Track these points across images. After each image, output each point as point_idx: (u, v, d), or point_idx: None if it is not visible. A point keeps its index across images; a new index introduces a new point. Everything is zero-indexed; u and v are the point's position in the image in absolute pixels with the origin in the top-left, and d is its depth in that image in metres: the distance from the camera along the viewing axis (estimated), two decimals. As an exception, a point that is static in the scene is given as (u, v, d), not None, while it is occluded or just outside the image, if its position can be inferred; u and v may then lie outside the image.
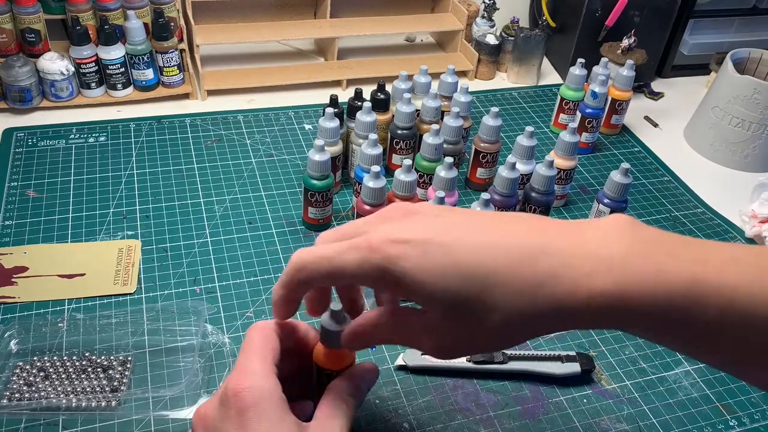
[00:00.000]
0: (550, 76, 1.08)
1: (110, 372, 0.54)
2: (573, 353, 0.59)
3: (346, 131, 0.77)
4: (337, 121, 0.71)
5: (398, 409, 0.55)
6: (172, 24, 0.90)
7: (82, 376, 0.54)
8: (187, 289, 0.64)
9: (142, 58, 0.88)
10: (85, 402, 0.52)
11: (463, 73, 1.04)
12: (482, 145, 0.77)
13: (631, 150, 0.93)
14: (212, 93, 0.95)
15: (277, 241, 0.70)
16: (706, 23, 1.07)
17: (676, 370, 0.61)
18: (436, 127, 0.71)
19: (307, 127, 0.90)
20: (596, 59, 0.90)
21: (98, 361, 0.55)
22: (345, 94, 0.95)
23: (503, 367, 0.58)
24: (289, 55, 1.07)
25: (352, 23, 1.03)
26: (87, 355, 0.56)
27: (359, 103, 0.75)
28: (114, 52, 0.86)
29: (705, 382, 0.60)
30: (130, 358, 0.56)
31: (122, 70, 0.88)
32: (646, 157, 0.91)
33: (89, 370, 0.54)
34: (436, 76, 0.84)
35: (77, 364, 0.55)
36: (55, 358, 0.55)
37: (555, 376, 0.58)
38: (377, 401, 0.55)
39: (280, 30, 1.02)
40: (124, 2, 0.87)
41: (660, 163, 0.90)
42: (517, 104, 1.00)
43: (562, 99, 0.91)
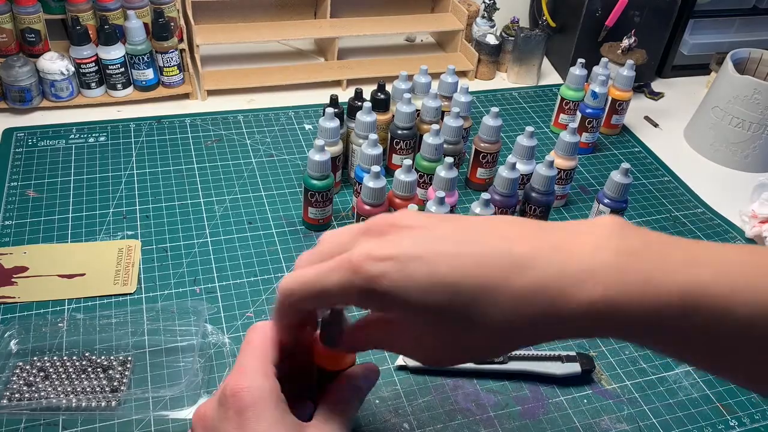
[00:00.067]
0: (550, 76, 1.08)
1: (110, 372, 0.54)
2: (573, 353, 0.59)
3: (346, 131, 0.77)
4: (337, 121, 0.71)
5: (398, 409, 0.55)
6: (172, 24, 0.90)
7: (82, 376, 0.54)
8: (187, 289, 0.64)
9: (142, 58, 0.88)
10: (85, 402, 0.52)
11: (463, 73, 1.04)
12: (482, 145, 0.77)
13: (632, 150, 0.92)
14: (212, 93, 0.95)
15: (277, 241, 0.70)
16: (706, 23, 1.07)
17: (677, 370, 0.61)
18: (436, 127, 0.71)
19: (307, 127, 0.90)
20: (596, 59, 0.90)
21: (98, 361, 0.55)
22: (345, 94, 0.95)
23: (503, 367, 0.58)
24: (289, 55, 1.07)
25: (352, 23, 1.03)
26: (87, 355, 0.56)
27: (359, 103, 0.74)
28: (114, 52, 0.86)
29: (705, 383, 0.60)
30: (130, 358, 0.56)
31: (122, 70, 0.88)
32: (647, 157, 0.91)
33: (89, 370, 0.54)
34: (436, 76, 0.84)
35: (77, 364, 0.55)
36: (55, 358, 0.55)
37: (555, 376, 0.58)
38: (377, 401, 0.55)
39: (280, 30, 1.02)
40: (124, 2, 0.87)
41: (660, 163, 0.90)
42: (517, 104, 1.00)
43: (563, 99, 0.91)
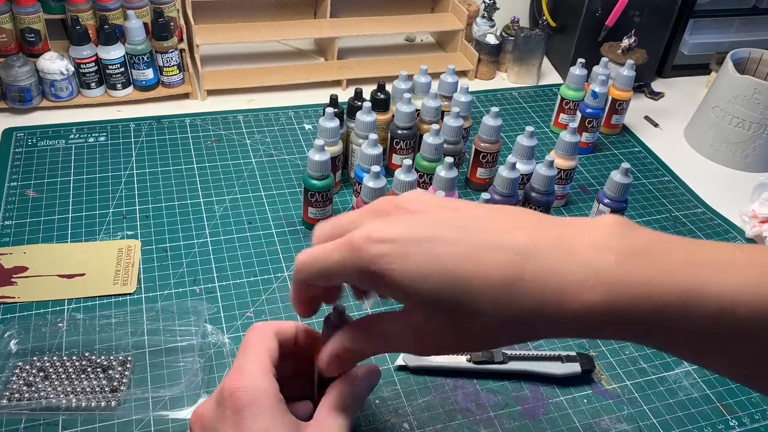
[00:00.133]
0: (551, 76, 1.08)
1: (110, 372, 0.54)
2: (573, 353, 0.59)
3: (346, 131, 0.77)
4: (337, 121, 0.71)
5: (398, 409, 0.55)
6: (172, 24, 0.90)
7: (82, 376, 0.54)
8: (187, 289, 0.64)
9: (142, 58, 0.88)
10: (85, 402, 0.52)
11: (463, 73, 1.04)
12: (482, 145, 0.77)
13: (632, 150, 0.92)
14: (212, 93, 0.95)
15: (277, 241, 0.70)
16: (707, 23, 1.07)
17: (677, 370, 0.61)
18: (436, 127, 0.71)
19: (307, 127, 0.90)
20: (596, 59, 0.90)
21: (98, 361, 0.55)
22: (345, 94, 0.95)
23: (503, 367, 0.58)
24: (289, 55, 1.07)
25: (352, 23, 1.03)
26: (87, 355, 0.56)
27: (359, 103, 0.74)
28: (114, 52, 0.86)
29: (705, 382, 0.60)
30: (129, 358, 0.56)
31: (122, 69, 0.88)
32: (647, 157, 0.91)
33: (89, 370, 0.54)
34: (436, 76, 0.84)
35: (77, 364, 0.55)
36: (55, 358, 0.55)
37: (555, 376, 0.58)
38: (377, 401, 0.55)
39: (280, 30, 1.02)
40: (124, 2, 0.87)
41: (660, 163, 0.90)
42: (518, 104, 1.00)
43: (563, 99, 0.91)
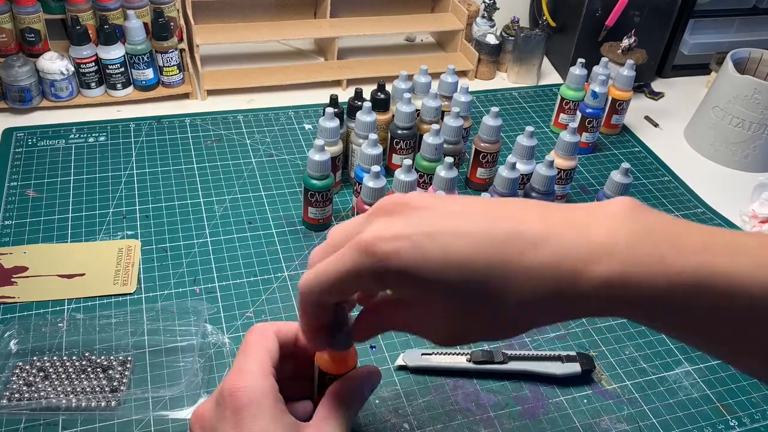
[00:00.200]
0: (551, 76, 1.08)
1: (110, 372, 0.54)
2: (573, 353, 0.59)
3: (346, 131, 0.77)
4: (337, 121, 0.71)
5: (398, 409, 0.55)
6: (172, 24, 0.90)
7: (82, 376, 0.54)
8: (187, 289, 0.64)
9: (142, 58, 0.88)
10: (85, 402, 0.52)
11: (463, 73, 1.04)
12: (482, 145, 0.77)
13: (632, 150, 0.92)
14: (212, 93, 0.95)
15: (277, 241, 0.70)
16: (707, 23, 1.07)
17: (677, 370, 0.61)
18: (436, 127, 0.71)
19: (307, 127, 0.90)
20: (596, 59, 0.90)
21: (98, 361, 0.55)
22: (345, 94, 0.95)
23: (503, 367, 0.58)
24: (289, 55, 1.07)
25: (352, 23, 1.03)
26: (87, 355, 0.56)
27: (359, 103, 0.74)
28: (114, 52, 0.86)
29: (705, 383, 0.60)
30: (129, 358, 0.56)
31: (122, 69, 0.88)
32: (647, 157, 0.91)
33: (89, 370, 0.54)
34: (436, 76, 0.84)
35: (77, 364, 0.55)
36: (55, 358, 0.55)
37: (555, 376, 0.58)
38: (377, 401, 0.55)
39: (280, 30, 1.02)
40: (124, 2, 0.87)
41: (660, 163, 0.90)
42: (518, 104, 1.00)
43: (563, 99, 0.91)
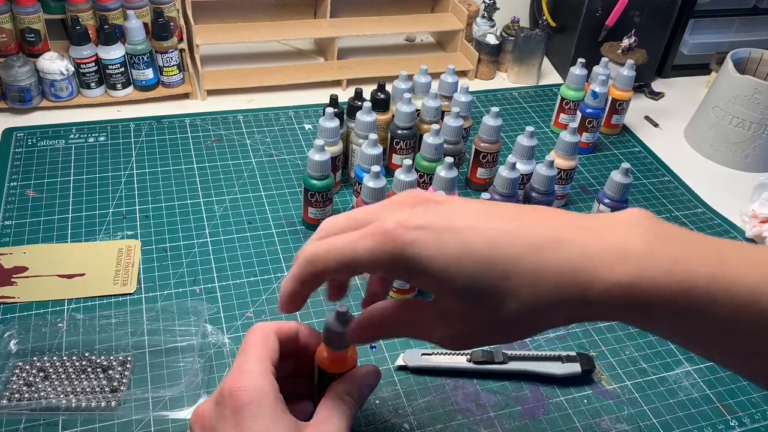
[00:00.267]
0: (551, 76, 1.08)
1: (110, 372, 0.54)
2: (573, 353, 0.59)
3: (346, 131, 0.77)
4: (337, 121, 0.71)
5: (398, 410, 0.55)
6: (172, 24, 0.90)
7: (82, 377, 0.54)
8: (187, 289, 0.64)
9: (142, 58, 0.88)
10: (85, 402, 0.52)
11: (463, 73, 1.04)
12: (482, 145, 0.77)
13: (632, 150, 0.92)
14: (212, 93, 0.94)
15: (277, 241, 0.70)
16: (707, 23, 1.07)
17: (677, 371, 0.61)
18: (436, 127, 0.71)
19: (307, 127, 0.90)
20: (596, 59, 0.90)
21: (98, 361, 0.55)
22: (345, 94, 0.95)
23: (503, 367, 0.58)
24: (289, 55, 1.07)
25: (352, 23, 1.03)
26: (87, 355, 0.56)
27: (359, 103, 0.74)
28: (114, 52, 0.86)
29: (705, 383, 0.60)
30: (129, 358, 0.56)
31: (122, 69, 0.88)
32: (647, 157, 0.91)
33: (89, 370, 0.54)
34: (436, 76, 0.84)
35: (77, 364, 0.55)
36: (55, 358, 0.55)
37: (555, 377, 0.58)
38: (377, 401, 0.55)
39: (280, 30, 1.02)
40: (124, 2, 0.87)
41: (660, 163, 0.90)
42: (518, 104, 1.00)
43: (563, 99, 0.91)
